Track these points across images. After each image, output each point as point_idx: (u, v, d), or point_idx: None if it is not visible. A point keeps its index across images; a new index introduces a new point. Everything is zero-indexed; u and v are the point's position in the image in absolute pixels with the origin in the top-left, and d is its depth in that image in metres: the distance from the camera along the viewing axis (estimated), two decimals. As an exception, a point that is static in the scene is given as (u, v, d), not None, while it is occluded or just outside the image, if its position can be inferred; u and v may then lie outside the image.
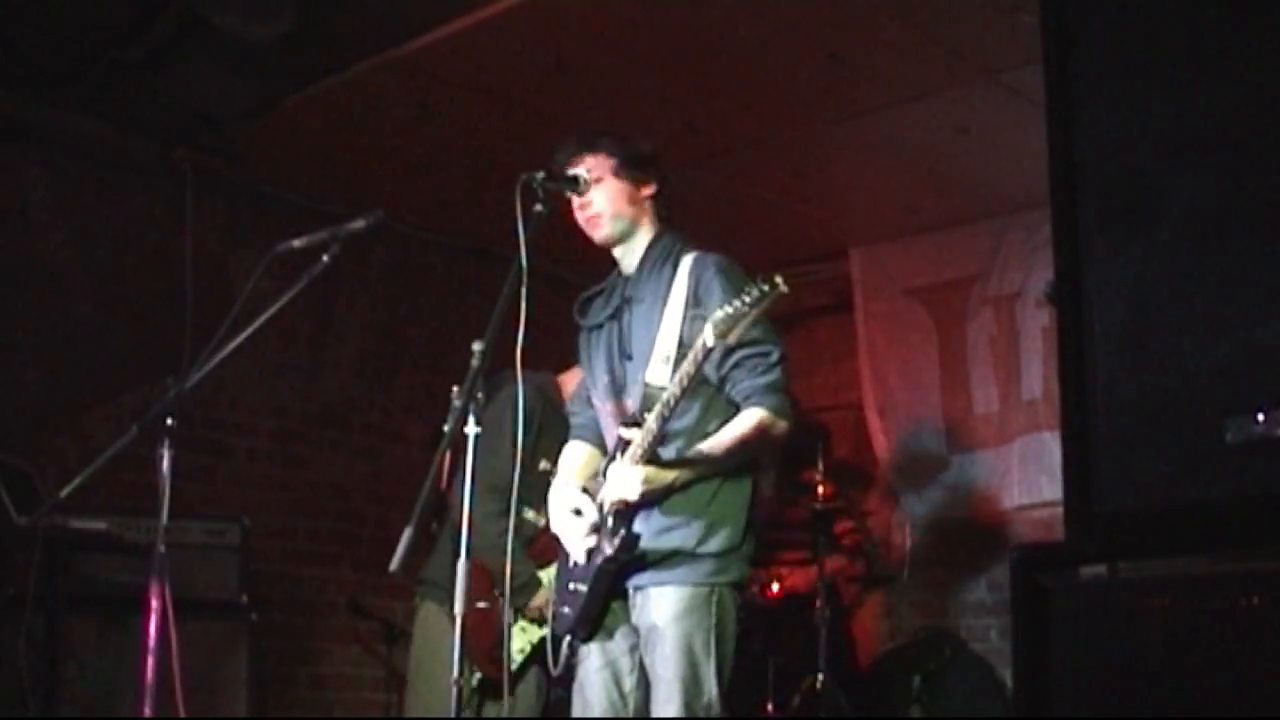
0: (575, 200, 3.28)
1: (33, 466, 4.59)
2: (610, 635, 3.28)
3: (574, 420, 3.58)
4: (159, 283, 5.60)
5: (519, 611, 4.41)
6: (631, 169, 3.30)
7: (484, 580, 4.43)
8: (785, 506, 5.76)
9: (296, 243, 3.09)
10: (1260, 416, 1.58)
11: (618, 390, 3.32)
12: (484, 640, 4.39)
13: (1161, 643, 1.64)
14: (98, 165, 5.46)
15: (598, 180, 3.27)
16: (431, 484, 3.19)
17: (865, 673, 5.88)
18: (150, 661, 2.89)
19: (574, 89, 4.91)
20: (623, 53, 4.66)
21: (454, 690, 2.78)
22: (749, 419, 3.14)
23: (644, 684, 3.25)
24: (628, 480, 3.08)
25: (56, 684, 4.20)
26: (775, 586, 5.47)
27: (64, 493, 3.08)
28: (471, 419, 2.90)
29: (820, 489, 5.44)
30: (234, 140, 5.45)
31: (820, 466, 5.47)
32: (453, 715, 2.78)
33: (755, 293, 2.81)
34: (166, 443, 2.97)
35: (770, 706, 5.36)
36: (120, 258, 5.53)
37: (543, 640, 3.81)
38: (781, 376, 3.16)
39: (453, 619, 4.33)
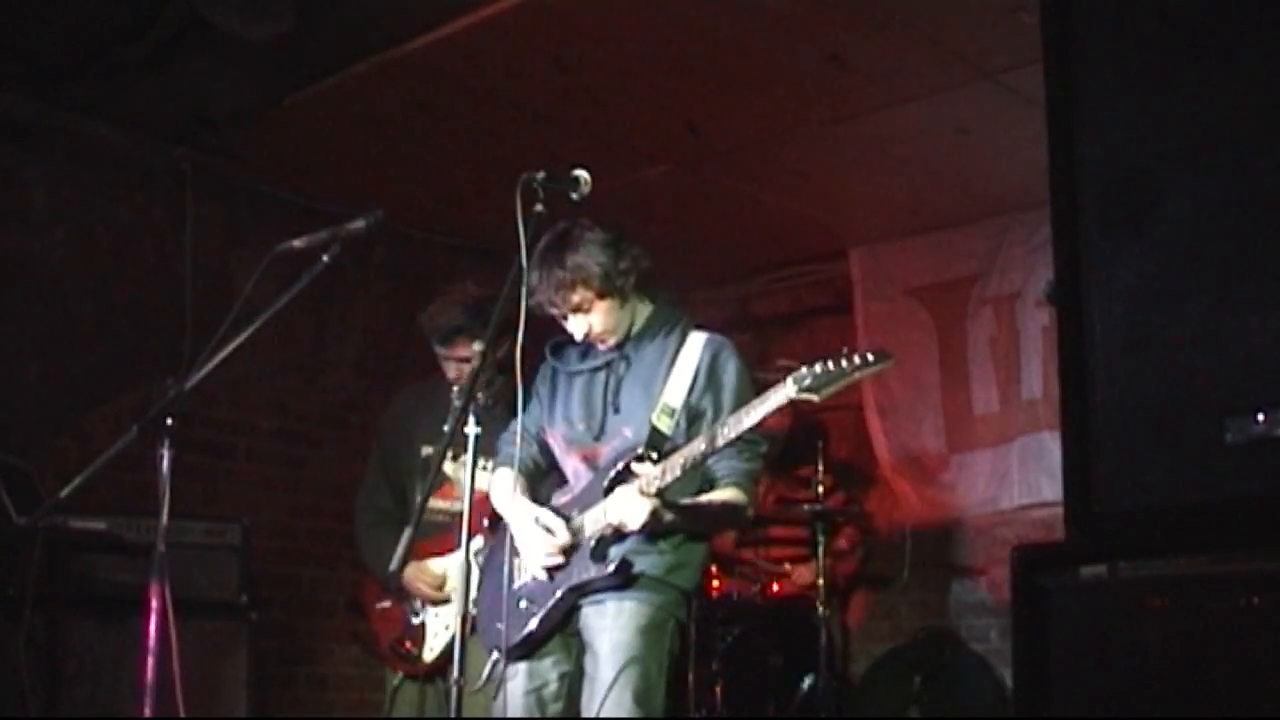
0: (572, 322, 3.37)
1: (33, 466, 4.58)
2: (539, 655, 3.33)
3: (507, 449, 3.52)
4: (159, 283, 5.59)
5: (405, 593, 4.31)
6: (610, 282, 3.33)
7: (373, 585, 4.45)
8: (784, 506, 5.75)
9: (296, 243, 3.09)
10: (1260, 416, 1.58)
11: (594, 436, 3.41)
12: (390, 641, 4.37)
13: (1161, 643, 1.64)
14: (98, 165, 5.45)
15: (587, 310, 3.35)
16: (431, 484, 3.20)
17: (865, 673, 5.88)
18: (150, 661, 2.89)
19: (573, 89, 4.91)
20: (622, 53, 4.65)
21: (454, 690, 2.78)
22: (732, 495, 3.31)
23: (570, 710, 3.30)
24: (636, 508, 3.14)
25: (56, 684, 4.20)
26: (775, 586, 5.46)
27: (64, 493, 3.07)
28: (472, 419, 2.90)
29: (820, 489, 5.44)
30: (234, 140, 5.44)
31: (820, 466, 5.47)
32: (451, 714, 2.78)
33: (858, 360, 2.93)
34: (166, 443, 2.97)
35: (770, 707, 5.35)
36: (120, 258, 5.53)
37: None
38: (760, 468, 3.37)
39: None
